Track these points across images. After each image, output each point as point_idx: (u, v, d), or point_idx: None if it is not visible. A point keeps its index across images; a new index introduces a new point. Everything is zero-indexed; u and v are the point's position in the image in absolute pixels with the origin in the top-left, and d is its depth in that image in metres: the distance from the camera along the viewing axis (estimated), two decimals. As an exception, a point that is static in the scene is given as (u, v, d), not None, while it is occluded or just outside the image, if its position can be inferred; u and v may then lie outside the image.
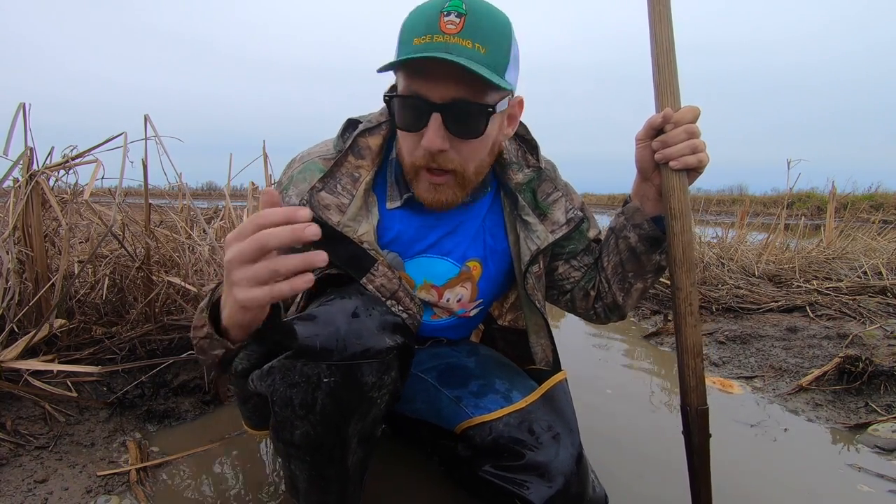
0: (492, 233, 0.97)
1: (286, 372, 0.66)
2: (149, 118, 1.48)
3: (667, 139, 0.79)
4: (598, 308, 1.03)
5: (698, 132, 0.79)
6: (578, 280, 1.03)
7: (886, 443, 1.30)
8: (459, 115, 0.75)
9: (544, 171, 0.96)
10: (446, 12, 0.70)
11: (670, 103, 0.79)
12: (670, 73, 0.79)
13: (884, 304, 2.30)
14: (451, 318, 1.02)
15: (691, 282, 0.80)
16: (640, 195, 0.90)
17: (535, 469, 0.84)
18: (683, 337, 0.81)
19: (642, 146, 0.84)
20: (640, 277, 0.95)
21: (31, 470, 1.04)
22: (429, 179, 0.81)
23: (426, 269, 0.94)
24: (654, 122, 0.81)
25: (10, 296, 1.28)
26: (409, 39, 0.72)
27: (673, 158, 0.79)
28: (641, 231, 0.90)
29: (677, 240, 0.80)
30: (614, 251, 0.95)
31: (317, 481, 0.77)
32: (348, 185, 0.83)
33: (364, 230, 0.83)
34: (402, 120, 0.78)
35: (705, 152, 0.79)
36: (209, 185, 15.80)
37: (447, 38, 0.70)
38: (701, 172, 0.82)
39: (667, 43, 0.78)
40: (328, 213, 0.81)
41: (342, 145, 0.87)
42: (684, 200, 0.80)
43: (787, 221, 3.97)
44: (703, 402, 0.81)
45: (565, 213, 0.95)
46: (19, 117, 1.32)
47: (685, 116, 0.79)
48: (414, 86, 0.74)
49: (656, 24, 0.79)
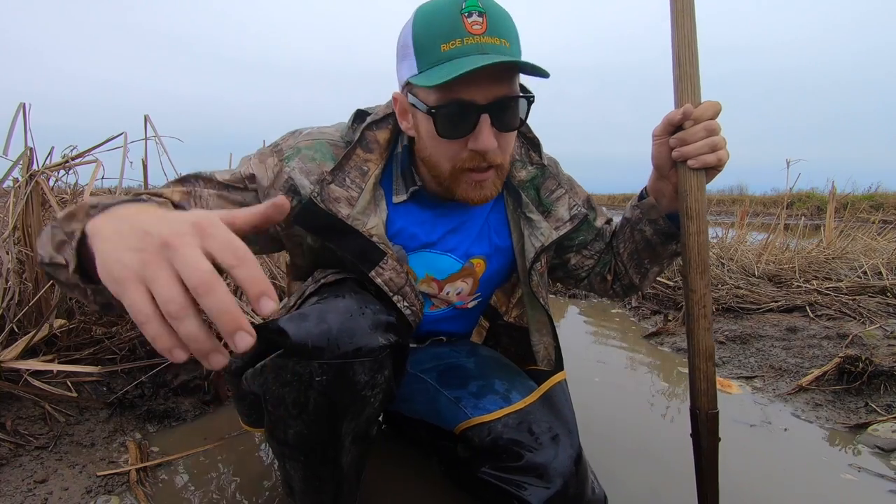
0: (496, 230, 0.97)
1: (278, 371, 0.66)
2: (149, 118, 1.48)
3: (685, 137, 0.77)
4: (616, 288, 1.06)
5: (718, 129, 0.76)
6: (593, 266, 1.05)
7: (886, 443, 1.30)
8: (505, 110, 0.74)
9: (547, 167, 0.96)
10: (467, 13, 0.70)
11: (690, 98, 0.76)
12: (691, 66, 0.75)
13: (884, 304, 2.30)
14: (448, 308, 1.02)
15: (706, 283, 0.78)
16: (657, 191, 0.89)
17: (534, 470, 0.84)
18: (696, 340, 0.79)
19: (660, 142, 0.81)
20: (656, 263, 0.97)
21: (31, 470, 1.04)
22: (474, 179, 0.79)
23: (429, 263, 0.94)
24: (672, 118, 0.78)
25: (10, 296, 1.28)
26: (435, 46, 0.71)
27: (691, 157, 0.76)
28: (657, 227, 0.91)
29: (693, 240, 0.78)
30: (630, 240, 0.96)
31: (311, 481, 0.77)
32: (357, 179, 0.82)
33: (373, 223, 0.82)
34: (448, 129, 0.75)
35: (725, 150, 0.77)
36: (209, 184, 15.75)
37: (478, 39, 0.69)
38: (720, 171, 0.79)
39: (689, 35, 0.75)
40: (338, 205, 0.79)
41: (351, 136, 0.86)
42: (701, 200, 0.78)
43: (787, 221, 3.98)
44: (714, 405, 0.79)
45: (569, 210, 0.95)
46: (19, 117, 1.32)
47: (705, 113, 0.76)
48: (453, 94, 0.72)
49: (678, 15, 0.75)
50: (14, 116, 1.31)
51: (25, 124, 1.33)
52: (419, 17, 0.73)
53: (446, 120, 0.74)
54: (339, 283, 0.81)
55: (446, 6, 0.71)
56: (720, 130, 0.76)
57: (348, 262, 0.82)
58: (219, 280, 0.37)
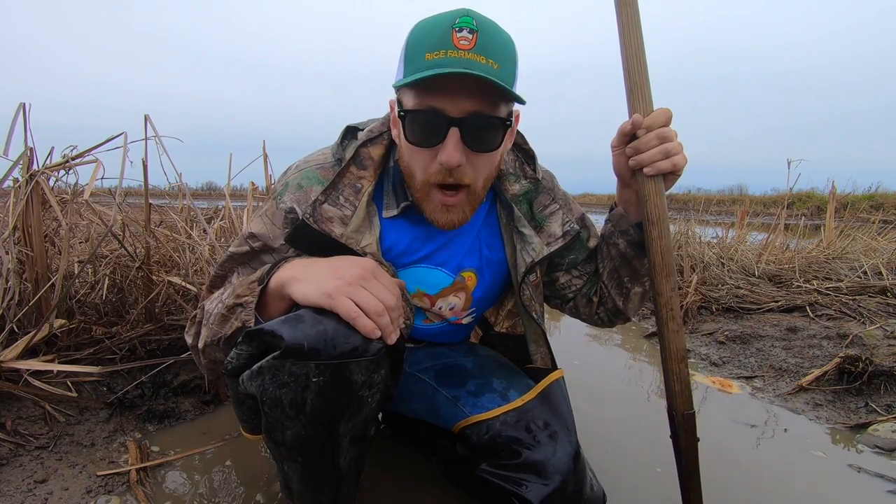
0: (488, 243, 0.97)
1: (275, 372, 0.67)
2: (149, 118, 1.48)
3: (638, 146, 0.79)
4: (601, 313, 1.04)
5: (672, 135, 0.78)
6: (580, 287, 1.04)
7: (886, 443, 1.30)
8: (477, 128, 0.75)
9: (542, 182, 0.96)
10: (458, 28, 0.70)
11: (641, 108, 0.78)
12: (641, 76, 0.78)
13: (884, 304, 2.30)
14: (442, 323, 1.03)
15: (671, 287, 0.80)
16: (624, 201, 0.90)
17: (532, 467, 0.85)
18: (666, 342, 0.81)
19: (617, 153, 0.83)
20: (637, 281, 0.96)
21: (31, 470, 1.04)
22: (441, 201, 0.80)
23: (420, 278, 0.94)
24: (624, 128, 0.80)
25: (10, 296, 1.28)
26: (420, 55, 0.72)
27: (646, 165, 0.78)
28: (628, 237, 0.91)
29: (655, 245, 0.80)
30: (608, 258, 0.96)
31: (309, 481, 0.77)
32: (350, 197, 0.83)
33: (367, 241, 0.83)
34: (416, 135, 0.76)
35: (681, 154, 0.78)
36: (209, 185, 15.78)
37: (462, 54, 0.70)
38: (679, 175, 0.81)
39: (636, 47, 0.77)
40: (331, 225, 0.80)
41: (342, 153, 0.87)
42: (661, 205, 0.80)
43: (787, 221, 3.97)
44: (690, 406, 0.81)
45: (562, 226, 0.94)
46: (19, 117, 1.32)
47: (656, 121, 0.77)
48: (428, 101, 0.73)
49: (625, 28, 0.78)
50: (14, 116, 1.31)
51: (25, 124, 1.33)
52: (416, 28, 0.75)
53: (415, 125, 0.76)
54: None
55: (442, 20, 0.72)
56: (675, 136, 0.78)
57: None
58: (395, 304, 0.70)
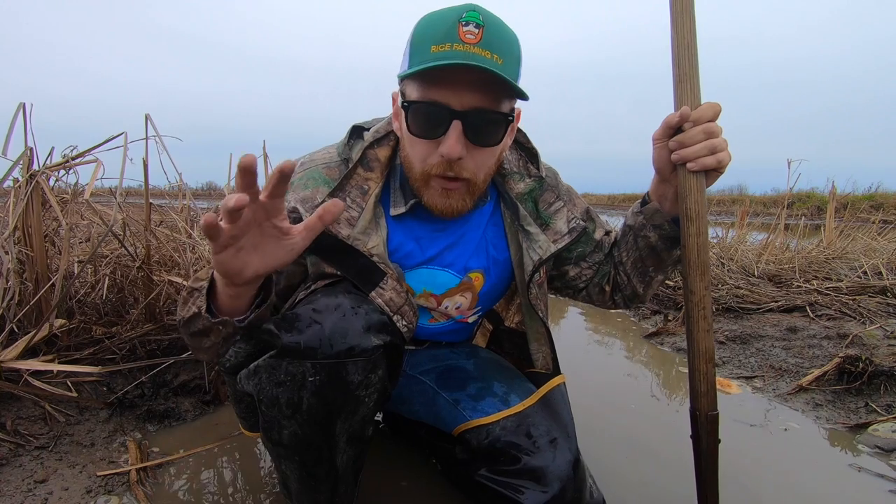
0: (493, 243, 0.97)
1: (272, 371, 0.66)
2: (149, 117, 1.48)
3: (684, 139, 0.76)
4: (616, 299, 1.04)
5: (718, 131, 0.75)
6: (591, 277, 1.04)
7: (886, 443, 1.30)
8: (480, 123, 0.75)
9: (546, 179, 0.95)
10: (464, 22, 0.71)
11: (689, 100, 0.75)
12: (691, 67, 0.75)
13: (884, 304, 2.30)
14: (448, 322, 1.02)
15: (706, 285, 0.78)
16: (659, 195, 0.88)
17: (532, 474, 0.84)
18: (696, 342, 0.79)
19: (660, 146, 0.80)
20: (661, 270, 0.96)
21: (31, 470, 1.04)
22: (442, 185, 0.80)
23: (426, 279, 0.94)
24: (670, 121, 0.77)
25: (10, 296, 1.28)
26: (426, 47, 0.72)
27: (690, 160, 0.76)
28: (662, 231, 0.89)
29: (692, 242, 0.78)
30: (633, 248, 0.95)
31: (307, 481, 0.77)
32: (357, 198, 0.83)
33: (374, 243, 0.82)
34: (418, 127, 0.76)
35: (726, 151, 0.76)
36: (209, 184, 15.76)
37: (467, 48, 0.70)
38: (722, 173, 0.78)
39: (689, 35, 0.74)
40: (338, 226, 0.80)
41: (348, 153, 0.86)
42: (701, 202, 0.77)
43: (787, 221, 3.97)
44: (714, 407, 0.79)
45: (567, 223, 0.94)
46: (19, 117, 1.32)
47: (704, 115, 0.74)
48: (432, 93, 0.73)
49: (678, 15, 0.75)
50: (14, 116, 1.31)
51: (25, 124, 1.33)
52: (422, 21, 0.75)
53: (418, 117, 0.76)
54: (333, 284, 0.81)
55: (448, 14, 0.72)
56: (720, 132, 0.75)
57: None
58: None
